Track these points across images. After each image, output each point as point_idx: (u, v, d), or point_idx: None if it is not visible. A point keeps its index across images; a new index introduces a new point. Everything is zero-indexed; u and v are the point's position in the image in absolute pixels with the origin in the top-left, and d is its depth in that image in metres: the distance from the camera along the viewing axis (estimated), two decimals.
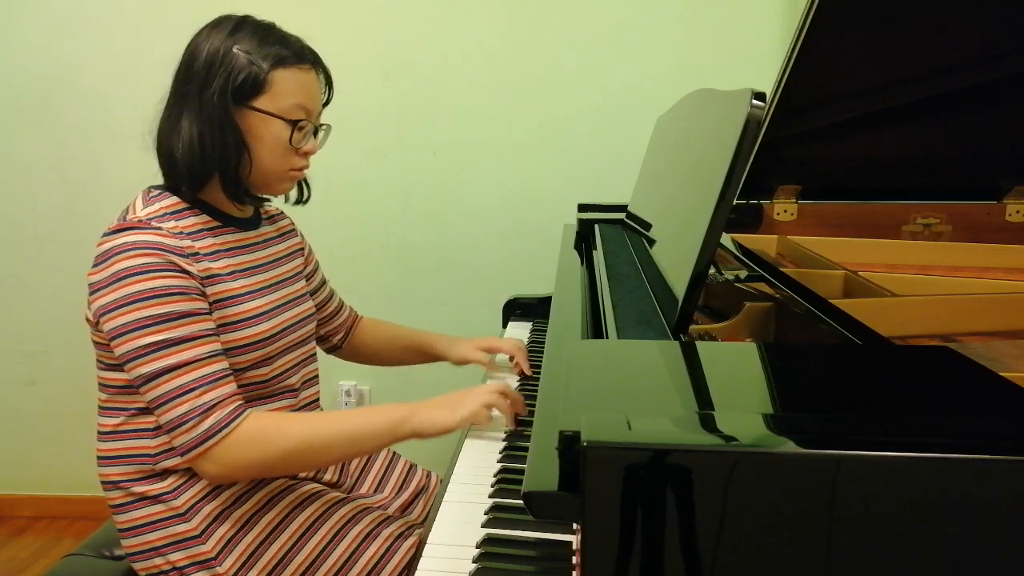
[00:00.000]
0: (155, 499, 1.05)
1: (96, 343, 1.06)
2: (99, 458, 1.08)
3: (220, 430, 0.96)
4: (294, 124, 1.06)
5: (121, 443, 1.06)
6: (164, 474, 1.06)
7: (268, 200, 1.20)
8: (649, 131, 1.67)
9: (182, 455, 0.98)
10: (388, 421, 1.03)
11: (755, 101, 0.80)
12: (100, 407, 1.08)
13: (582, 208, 1.80)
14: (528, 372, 1.32)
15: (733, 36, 1.93)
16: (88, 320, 1.04)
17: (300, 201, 1.21)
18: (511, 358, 1.37)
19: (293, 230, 1.28)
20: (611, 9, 1.96)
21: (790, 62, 1.17)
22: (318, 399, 1.26)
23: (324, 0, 2.01)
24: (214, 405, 0.97)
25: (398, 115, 2.04)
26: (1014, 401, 0.58)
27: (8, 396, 2.26)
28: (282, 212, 1.29)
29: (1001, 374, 0.62)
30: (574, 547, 0.79)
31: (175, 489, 1.05)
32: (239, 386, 1.05)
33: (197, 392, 0.96)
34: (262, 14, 1.09)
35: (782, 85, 1.20)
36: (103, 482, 1.08)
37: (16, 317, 2.20)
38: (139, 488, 1.05)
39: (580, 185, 2.01)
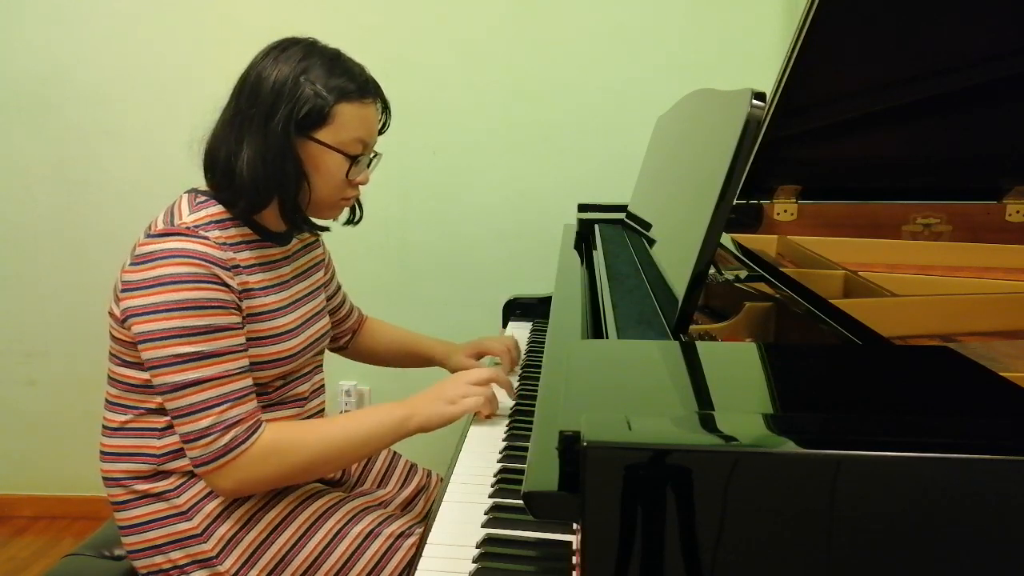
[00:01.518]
0: (157, 497, 1.05)
1: (115, 338, 1.05)
2: (102, 453, 1.08)
3: (238, 446, 0.97)
4: (352, 158, 1.07)
5: (127, 440, 1.06)
6: (168, 474, 1.06)
7: (327, 228, 1.20)
8: (649, 131, 1.67)
9: (196, 468, 0.99)
10: (393, 421, 1.05)
11: (755, 101, 0.80)
12: (108, 402, 1.08)
13: (582, 208, 1.80)
14: (508, 372, 1.34)
15: (733, 36, 1.93)
16: (112, 315, 1.04)
17: (351, 222, 1.22)
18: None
19: (316, 241, 1.28)
20: (611, 9, 1.96)
21: (790, 62, 1.17)
22: (324, 409, 1.26)
23: (324, 0, 2.01)
24: (236, 422, 0.98)
25: (398, 115, 2.02)
26: (1014, 401, 0.58)
27: (8, 396, 2.26)
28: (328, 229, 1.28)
29: (1001, 374, 0.62)
30: (574, 547, 0.79)
31: (177, 487, 1.05)
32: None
33: (221, 408, 0.97)
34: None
35: (782, 85, 1.20)
36: (105, 478, 1.08)
37: (16, 317, 2.20)
38: (141, 486, 1.06)
39: (580, 185, 2.01)
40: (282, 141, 1.02)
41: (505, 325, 1.70)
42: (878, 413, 0.59)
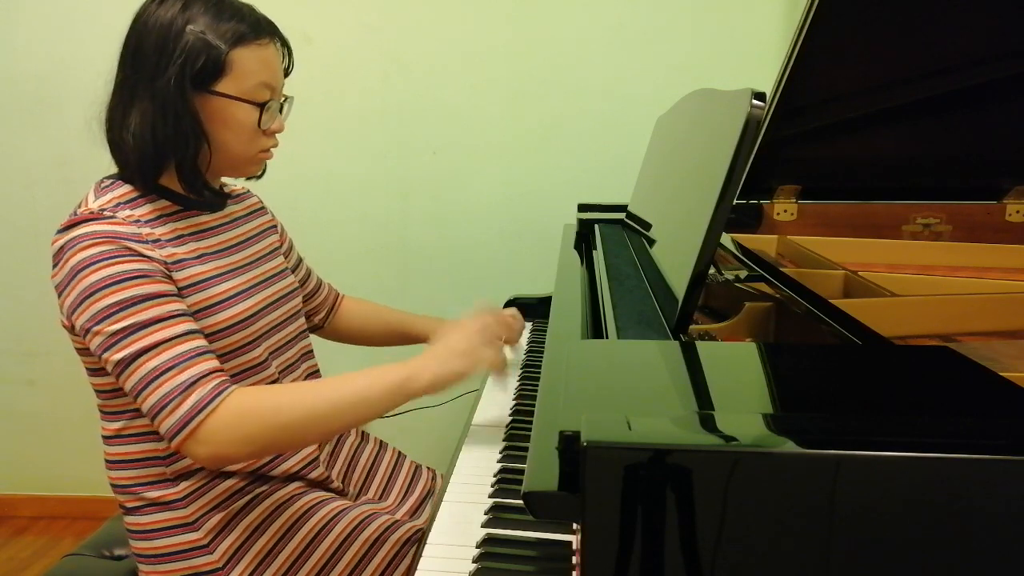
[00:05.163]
0: (165, 506, 1.04)
1: (78, 349, 1.02)
2: (107, 462, 1.06)
3: (204, 407, 0.90)
4: (261, 106, 1.01)
5: (128, 447, 1.04)
6: (177, 479, 1.04)
7: (228, 195, 1.16)
8: (649, 131, 1.67)
9: (170, 441, 0.92)
10: (389, 384, 0.95)
11: (755, 101, 0.80)
12: (100, 411, 1.06)
13: (582, 208, 1.80)
14: (512, 344, 1.34)
15: (733, 36, 1.93)
16: (64, 325, 0.99)
17: (255, 177, 1.14)
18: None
19: (262, 208, 1.25)
20: (611, 9, 1.96)
21: (790, 62, 1.17)
22: (317, 370, 1.25)
23: (325, 0, 2.01)
24: (194, 382, 0.91)
25: (398, 115, 2.04)
26: (1014, 401, 0.58)
27: (8, 396, 2.26)
28: (248, 191, 1.25)
29: (1001, 374, 0.62)
30: (574, 547, 0.79)
31: (185, 497, 1.04)
32: (235, 373, 1.03)
33: (173, 371, 0.90)
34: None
35: (782, 85, 1.20)
36: (113, 485, 1.06)
37: (16, 317, 2.21)
38: (151, 493, 1.04)
39: (580, 185, 2.01)
40: (175, 99, 0.95)
41: None
42: (878, 413, 0.59)
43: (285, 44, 1.07)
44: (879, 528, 0.49)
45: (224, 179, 1.17)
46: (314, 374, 1.24)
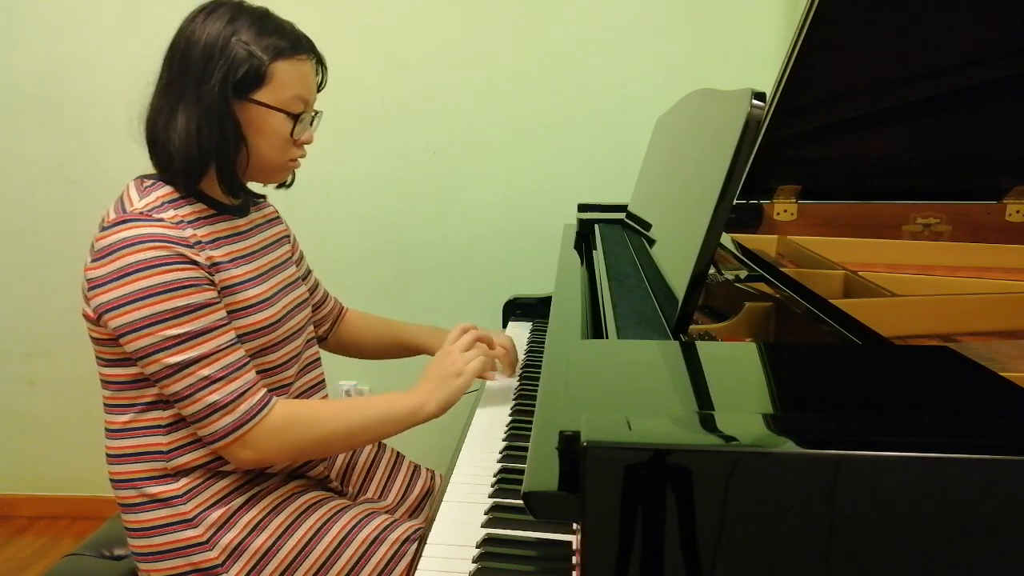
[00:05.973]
0: (164, 503, 1.04)
1: (96, 339, 1.04)
2: (109, 456, 1.06)
3: (254, 416, 0.99)
4: (295, 117, 1.06)
5: (133, 440, 1.05)
6: (177, 475, 1.05)
7: (263, 197, 1.20)
8: (649, 131, 1.67)
9: (213, 443, 0.99)
10: (403, 412, 1.09)
11: (755, 101, 0.80)
12: (106, 405, 1.07)
13: (582, 208, 1.80)
14: (509, 375, 1.33)
15: (733, 36, 1.93)
16: (86, 316, 1.02)
17: (284, 185, 1.19)
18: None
19: (278, 217, 1.28)
20: (611, 9, 1.96)
21: (790, 62, 1.17)
22: (323, 380, 1.27)
23: (325, 0, 2.01)
24: (243, 392, 0.99)
25: (398, 115, 2.04)
26: (1014, 401, 0.58)
27: (8, 396, 2.26)
28: (265, 199, 1.28)
29: (1001, 374, 0.62)
30: (574, 547, 0.79)
31: (185, 493, 1.04)
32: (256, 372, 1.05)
33: (224, 381, 0.98)
34: None
35: (782, 85, 1.20)
36: (114, 480, 1.07)
37: (16, 317, 2.20)
38: (151, 489, 1.05)
39: (580, 185, 2.01)
40: (219, 105, 1.00)
41: (505, 325, 1.70)
42: (878, 413, 0.59)
43: (321, 62, 1.11)
44: (879, 528, 0.49)
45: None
46: (321, 383, 1.25)
